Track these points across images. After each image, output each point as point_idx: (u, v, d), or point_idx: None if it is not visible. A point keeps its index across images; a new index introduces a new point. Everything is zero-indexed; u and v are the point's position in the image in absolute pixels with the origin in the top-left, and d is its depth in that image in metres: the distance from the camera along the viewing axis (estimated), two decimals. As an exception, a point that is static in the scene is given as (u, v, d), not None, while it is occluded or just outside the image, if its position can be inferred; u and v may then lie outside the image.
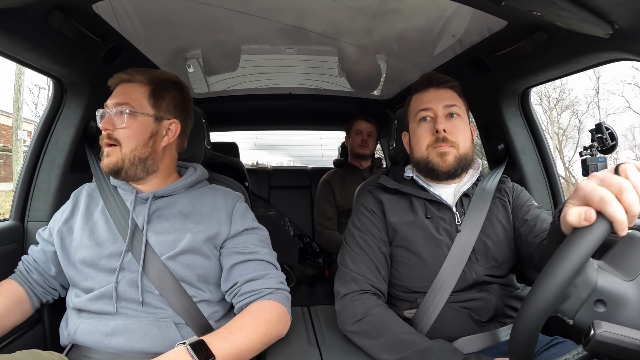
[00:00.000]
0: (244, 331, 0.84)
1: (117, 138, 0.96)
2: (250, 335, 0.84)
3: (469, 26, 1.21)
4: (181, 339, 0.90)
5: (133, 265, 0.93)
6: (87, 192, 1.06)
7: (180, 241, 0.94)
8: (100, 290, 0.91)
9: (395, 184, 1.08)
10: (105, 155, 0.96)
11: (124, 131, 0.96)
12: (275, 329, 0.90)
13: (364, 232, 1.04)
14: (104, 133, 0.96)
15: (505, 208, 1.07)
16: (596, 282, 0.54)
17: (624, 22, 0.83)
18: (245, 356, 0.83)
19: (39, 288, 1.01)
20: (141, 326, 0.89)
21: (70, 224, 1.00)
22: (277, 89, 2.16)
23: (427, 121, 1.04)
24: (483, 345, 0.94)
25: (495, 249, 1.01)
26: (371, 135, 2.27)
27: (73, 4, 0.98)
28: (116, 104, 0.97)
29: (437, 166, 1.01)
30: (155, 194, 1.00)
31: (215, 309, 0.98)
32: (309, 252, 2.39)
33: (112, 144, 0.96)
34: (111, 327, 0.89)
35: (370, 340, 0.88)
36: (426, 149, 1.03)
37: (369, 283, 0.97)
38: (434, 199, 1.04)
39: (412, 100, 1.10)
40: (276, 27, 1.35)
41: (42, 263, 1.02)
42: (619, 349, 0.50)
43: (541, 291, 0.53)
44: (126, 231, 0.95)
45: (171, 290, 0.91)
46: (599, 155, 1.22)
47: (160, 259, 0.93)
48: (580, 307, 0.55)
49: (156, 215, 0.99)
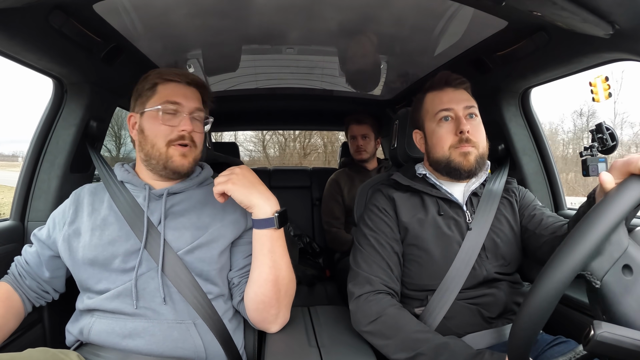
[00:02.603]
0: (286, 260, 0.96)
1: (195, 140, 0.99)
2: (286, 267, 0.95)
3: (470, 26, 1.21)
4: (201, 342, 0.90)
5: (149, 263, 0.92)
6: (89, 191, 1.04)
7: (198, 236, 0.95)
8: (118, 289, 0.90)
9: (407, 181, 1.10)
10: (182, 155, 0.97)
11: (200, 135, 1.01)
12: (284, 301, 0.96)
13: (376, 231, 1.04)
14: (186, 134, 0.97)
15: (513, 207, 1.10)
16: (627, 246, 0.56)
17: (625, 22, 0.83)
18: (273, 258, 0.93)
19: (32, 293, 0.99)
20: (162, 329, 0.88)
21: (76, 225, 0.97)
22: (278, 89, 2.16)
23: (448, 121, 1.04)
24: (490, 342, 0.95)
25: (504, 246, 1.03)
26: (367, 137, 2.20)
27: (73, 4, 0.98)
28: (197, 109, 1.00)
29: (459, 165, 1.02)
30: (170, 190, 0.99)
31: (228, 306, 0.99)
32: (309, 252, 2.39)
33: (190, 144, 0.98)
34: (129, 328, 0.87)
35: (385, 340, 0.89)
36: (449, 149, 1.03)
37: (383, 283, 0.98)
38: (445, 197, 1.06)
39: (428, 99, 1.10)
40: (276, 27, 1.35)
41: (35, 267, 0.99)
42: (618, 349, 0.50)
43: (581, 241, 0.54)
44: (140, 228, 0.93)
45: (187, 285, 0.91)
46: (599, 155, 1.22)
47: (176, 255, 0.92)
48: (610, 267, 0.56)
49: (172, 211, 0.98)
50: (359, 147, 2.20)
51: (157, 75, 1.00)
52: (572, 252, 0.54)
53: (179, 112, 0.98)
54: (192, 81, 1.02)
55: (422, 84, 1.83)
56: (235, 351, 0.96)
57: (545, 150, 1.49)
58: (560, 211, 1.48)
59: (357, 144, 2.20)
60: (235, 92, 2.15)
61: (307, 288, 2.10)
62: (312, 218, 2.60)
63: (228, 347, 0.94)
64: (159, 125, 0.97)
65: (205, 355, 0.90)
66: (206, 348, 0.90)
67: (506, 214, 1.08)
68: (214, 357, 0.92)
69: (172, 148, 0.97)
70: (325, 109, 2.48)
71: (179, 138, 0.96)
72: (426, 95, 1.11)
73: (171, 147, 0.97)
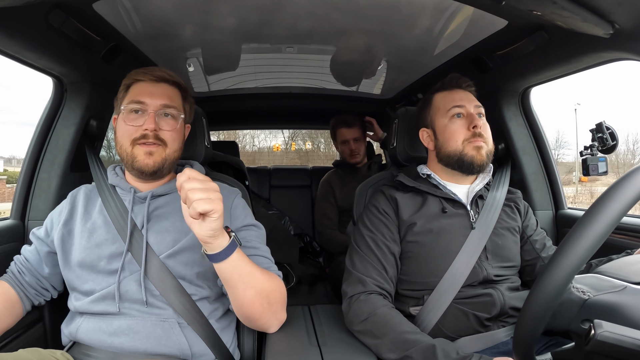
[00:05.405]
0: (259, 273, 0.86)
1: (164, 138, 0.96)
2: (260, 278, 0.86)
3: (469, 25, 1.21)
4: (185, 339, 0.90)
5: (133, 266, 0.93)
6: (84, 193, 1.05)
7: (180, 240, 0.94)
8: (102, 292, 0.91)
9: (412, 182, 1.11)
10: (147, 154, 0.95)
11: (171, 133, 0.98)
12: (273, 307, 0.91)
13: (374, 232, 1.05)
14: (149, 132, 0.94)
15: (516, 214, 1.13)
16: None
17: (625, 21, 0.83)
18: (244, 280, 0.84)
19: (31, 290, 0.99)
20: (145, 326, 0.89)
21: (70, 226, 0.99)
22: (278, 88, 2.16)
23: (460, 117, 1.08)
24: (483, 345, 0.95)
25: (505, 249, 1.05)
26: (358, 140, 2.18)
27: (73, 3, 0.98)
28: (163, 106, 0.97)
29: (473, 159, 1.05)
30: (154, 193, 1.00)
31: (215, 307, 0.98)
32: (309, 251, 2.39)
33: (157, 143, 0.96)
34: (115, 326, 0.89)
35: (375, 339, 0.89)
36: (462, 143, 1.06)
37: (375, 284, 0.98)
38: (449, 196, 1.07)
39: (438, 97, 1.13)
40: (276, 26, 1.34)
41: (35, 263, 1.00)
42: (619, 348, 0.50)
43: (588, 233, 0.53)
44: (125, 231, 0.94)
45: (170, 289, 0.91)
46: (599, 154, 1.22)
47: (159, 258, 0.93)
48: None
49: (155, 214, 0.98)
50: (352, 151, 2.18)
51: (130, 76, 1.01)
52: (579, 244, 0.53)
53: (144, 111, 0.96)
54: (159, 78, 1.00)
55: (422, 83, 1.86)
56: (225, 349, 0.97)
57: (545, 149, 1.49)
58: (561, 210, 1.48)
59: (351, 148, 2.18)
60: (235, 91, 2.15)
61: (307, 287, 2.10)
62: (312, 217, 2.60)
63: (216, 346, 0.94)
64: (124, 125, 0.97)
65: (191, 353, 0.90)
66: (191, 346, 0.91)
67: (508, 218, 1.10)
68: (201, 355, 0.92)
69: (136, 147, 0.95)
70: (325, 108, 2.48)
71: (141, 137, 0.95)
72: (435, 95, 1.14)
73: (135, 146, 0.95)
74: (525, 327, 0.58)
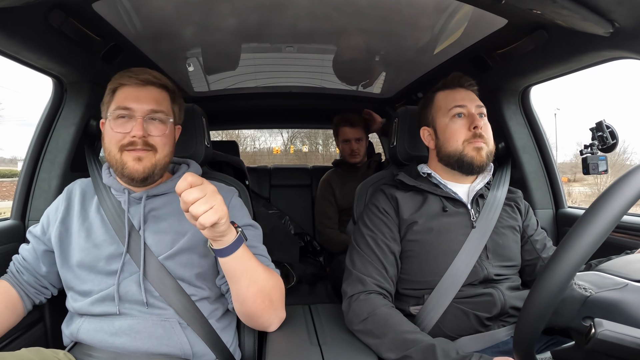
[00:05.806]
0: (261, 269, 0.88)
1: (153, 144, 0.94)
2: (263, 275, 0.88)
3: (470, 24, 1.21)
4: (186, 339, 0.90)
5: (132, 267, 0.93)
6: (80, 189, 1.03)
7: (179, 240, 0.94)
8: (101, 293, 0.91)
9: (413, 181, 1.11)
10: (136, 159, 0.92)
11: (160, 138, 0.95)
12: (274, 305, 0.92)
13: (375, 231, 1.05)
14: (137, 139, 0.92)
15: (517, 214, 1.13)
16: None
17: (625, 20, 0.83)
18: (248, 275, 0.85)
19: (31, 289, 0.99)
20: (146, 326, 0.89)
21: (66, 224, 0.98)
22: (278, 88, 2.16)
23: (461, 117, 1.07)
24: (483, 345, 0.95)
25: (506, 248, 1.05)
26: (360, 140, 2.16)
27: (73, 3, 0.98)
28: (151, 111, 0.94)
29: (472, 159, 1.05)
30: (149, 194, 0.99)
31: (215, 307, 0.98)
32: (309, 250, 2.39)
33: (146, 148, 0.93)
34: (116, 326, 0.89)
35: (375, 339, 0.89)
36: (462, 143, 1.06)
37: (375, 283, 0.98)
38: (450, 195, 1.07)
39: (440, 96, 1.13)
40: (276, 26, 1.34)
41: (33, 262, 1.00)
42: (619, 347, 0.50)
43: (590, 228, 0.53)
44: (123, 232, 0.94)
45: (170, 290, 0.92)
46: (599, 153, 1.22)
47: (157, 260, 0.93)
48: None
49: (152, 215, 0.98)
50: (353, 151, 2.17)
51: (114, 80, 0.98)
52: (580, 242, 0.53)
53: (132, 117, 0.93)
54: (145, 81, 0.96)
55: (422, 82, 1.85)
56: (225, 349, 0.97)
57: (545, 148, 1.49)
58: (561, 209, 1.48)
59: (352, 148, 2.17)
60: (235, 90, 2.15)
61: (307, 286, 2.10)
62: (312, 216, 2.60)
63: (216, 346, 0.95)
64: (112, 131, 0.94)
65: (192, 352, 0.91)
66: (192, 346, 0.91)
67: (509, 218, 1.09)
68: (202, 355, 0.93)
69: (125, 154, 0.93)
70: (325, 108, 2.48)
71: (129, 144, 0.92)
72: (437, 94, 1.14)
73: (124, 152, 0.93)
74: (526, 325, 0.58)
